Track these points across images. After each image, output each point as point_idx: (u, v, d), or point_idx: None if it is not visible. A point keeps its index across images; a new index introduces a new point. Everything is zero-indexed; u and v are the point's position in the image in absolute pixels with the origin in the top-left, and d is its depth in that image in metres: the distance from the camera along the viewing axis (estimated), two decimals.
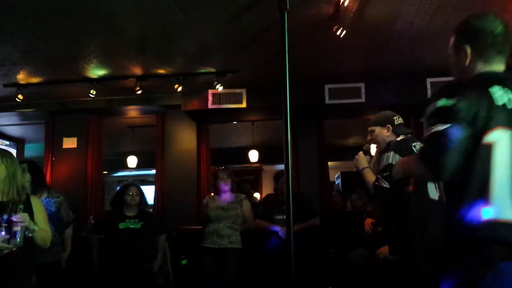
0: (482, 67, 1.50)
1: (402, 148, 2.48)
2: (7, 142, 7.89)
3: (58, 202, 3.56)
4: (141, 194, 3.93)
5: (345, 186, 8.46)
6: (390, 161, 2.45)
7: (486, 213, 1.29)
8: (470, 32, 1.53)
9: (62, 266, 3.55)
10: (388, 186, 2.40)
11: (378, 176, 2.50)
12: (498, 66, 1.50)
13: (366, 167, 2.71)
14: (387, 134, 2.71)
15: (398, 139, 2.63)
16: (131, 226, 3.72)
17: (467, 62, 1.51)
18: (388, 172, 2.41)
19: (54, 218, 3.44)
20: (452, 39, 1.61)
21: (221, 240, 3.86)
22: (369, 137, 2.81)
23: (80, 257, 4.05)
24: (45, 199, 3.50)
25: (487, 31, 1.49)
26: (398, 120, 2.76)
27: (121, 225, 3.72)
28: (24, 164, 3.56)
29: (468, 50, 1.51)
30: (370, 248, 4.10)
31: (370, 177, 2.64)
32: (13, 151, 7.94)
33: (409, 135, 2.67)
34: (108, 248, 3.76)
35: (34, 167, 3.58)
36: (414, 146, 2.50)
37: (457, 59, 1.56)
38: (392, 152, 2.49)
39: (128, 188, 3.89)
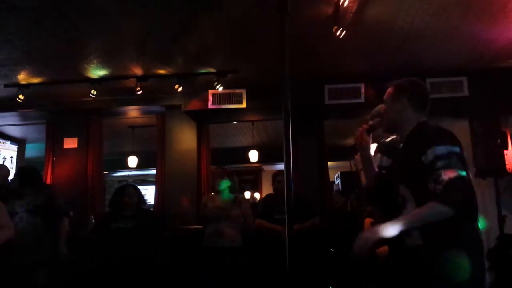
0: (419, 118, 1.99)
1: (390, 150, 2.43)
2: (8, 142, 7.90)
3: (46, 194, 3.61)
4: (139, 194, 3.93)
5: (345, 186, 8.46)
6: (378, 164, 2.43)
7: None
8: (410, 91, 2.04)
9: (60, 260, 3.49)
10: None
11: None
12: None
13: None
14: None
15: (388, 139, 2.60)
16: (122, 226, 3.71)
17: (403, 110, 2.01)
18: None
19: (41, 212, 3.49)
20: (390, 91, 2.07)
21: (223, 240, 3.87)
22: None
23: (80, 258, 4.06)
24: (33, 192, 3.55)
25: (426, 93, 2.07)
26: None
27: (113, 226, 3.73)
28: (16, 171, 3.67)
29: (405, 101, 2.00)
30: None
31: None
32: (14, 151, 7.96)
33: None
34: (103, 250, 3.76)
35: (22, 171, 3.75)
36: None
37: (393, 106, 2.04)
38: (379, 154, 2.46)
39: (125, 189, 3.90)
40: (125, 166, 8.65)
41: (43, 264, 3.40)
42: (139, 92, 5.40)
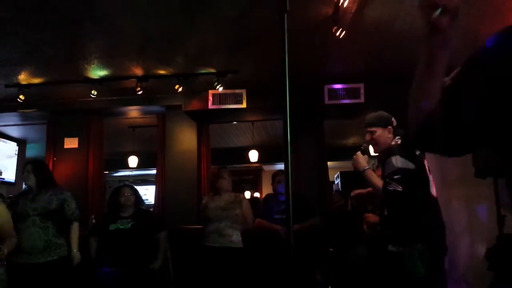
0: None
1: (405, 151, 2.51)
2: (9, 142, 7.91)
3: (61, 199, 3.56)
4: (136, 194, 3.90)
5: (344, 185, 8.49)
6: (399, 165, 2.47)
7: None
8: None
9: (72, 264, 3.53)
10: (402, 190, 2.43)
11: (387, 180, 2.51)
12: None
13: (367, 168, 2.72)
14: (389, 135, 2.72)
15: (399, 141, 2.65)
16: (121, 227, 3.69)
17: None
18: (399, 175, 2.43)
19: (53, 216, 3.47)
20: None
21: (222, 239, 3.87)
22: (368, 137, 2.80)
23: (81, 258, 4.07)
24: (48, 196, 3.52)
25: None
26: (394, 121, 2.79)
27: (112, 227, 3.70)
28: (28, 165, 3.61)
29: None
30: (370, 246, 4.12)
31: (375, 179, 2.64)
32: (15, 151, 7.97)
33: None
34: (101, 251, 3.75)
35: (37, 167, 3.63)
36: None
37: None
38: (398, 156, 2.51)
39: (122, 189, 3.87)
40: (126, 166, 8.68)
41: (52, 265, 3.41)
42: (140, 92, 5.41)
